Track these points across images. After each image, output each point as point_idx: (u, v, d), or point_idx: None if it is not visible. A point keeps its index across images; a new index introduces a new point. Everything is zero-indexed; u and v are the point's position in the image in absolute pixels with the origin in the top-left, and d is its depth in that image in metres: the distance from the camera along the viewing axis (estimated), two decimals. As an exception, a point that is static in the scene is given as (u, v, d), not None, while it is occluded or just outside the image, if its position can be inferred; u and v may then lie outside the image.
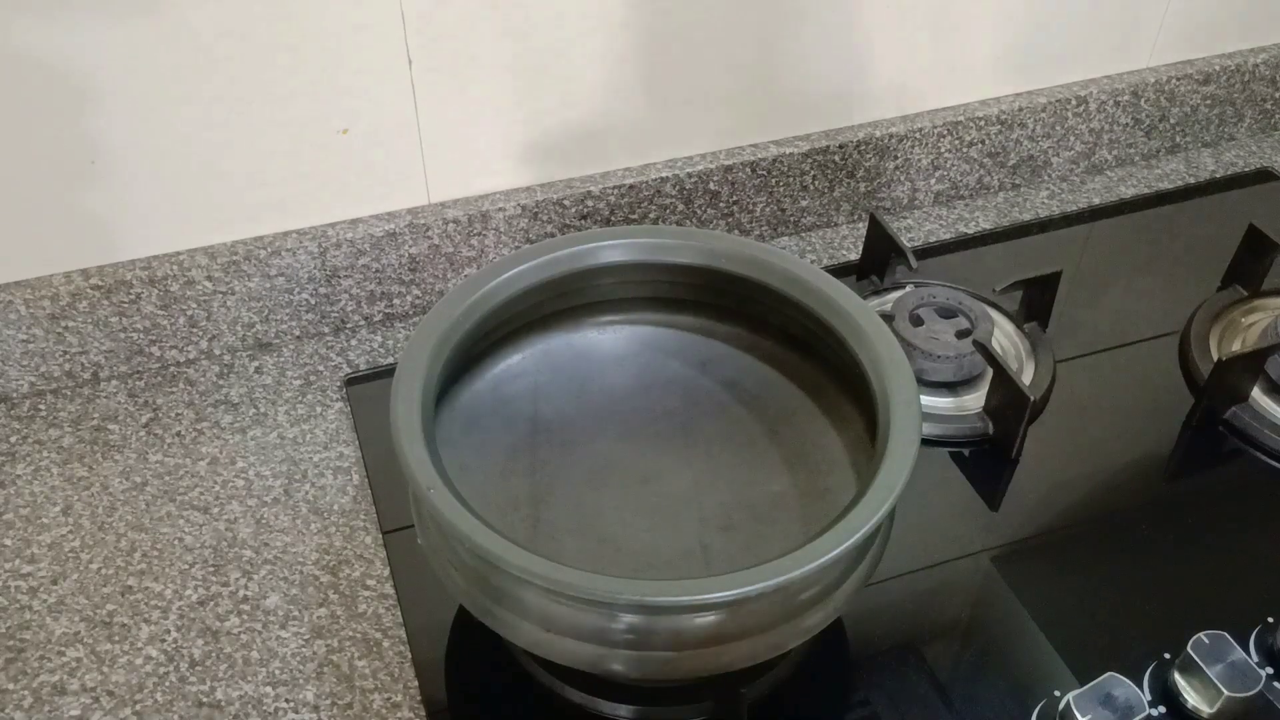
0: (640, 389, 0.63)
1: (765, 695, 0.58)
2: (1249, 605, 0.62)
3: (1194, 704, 0.56)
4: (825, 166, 0.86)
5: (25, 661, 0.59)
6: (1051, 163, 0.95)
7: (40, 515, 0.67)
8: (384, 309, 0.80)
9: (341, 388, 0.75)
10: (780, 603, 0.51)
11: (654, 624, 0.50)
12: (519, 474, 0.59)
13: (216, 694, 0.58)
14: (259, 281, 0.75)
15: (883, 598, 0.62)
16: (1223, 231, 0.87)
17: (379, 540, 0.66)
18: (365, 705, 0.58)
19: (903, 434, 0.53)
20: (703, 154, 0.83)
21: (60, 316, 0.71)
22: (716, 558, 0.55)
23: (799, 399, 0.62)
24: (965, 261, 0.87)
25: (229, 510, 0.67)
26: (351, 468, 0.70)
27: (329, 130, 0.72)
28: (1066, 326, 0.80)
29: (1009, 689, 0.59)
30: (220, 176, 0.71)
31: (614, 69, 0.76)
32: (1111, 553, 0.66)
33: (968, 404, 0.73)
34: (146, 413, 0.73)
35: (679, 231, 0.64)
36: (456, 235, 0.78)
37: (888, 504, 0.50)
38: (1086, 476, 0.70)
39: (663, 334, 0.66)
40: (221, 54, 0.66)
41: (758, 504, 0.58)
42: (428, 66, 0.71)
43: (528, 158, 0.78)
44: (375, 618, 0.62)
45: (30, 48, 0.62)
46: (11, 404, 0.73)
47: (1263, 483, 0.70)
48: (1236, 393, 0.73)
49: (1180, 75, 0.94)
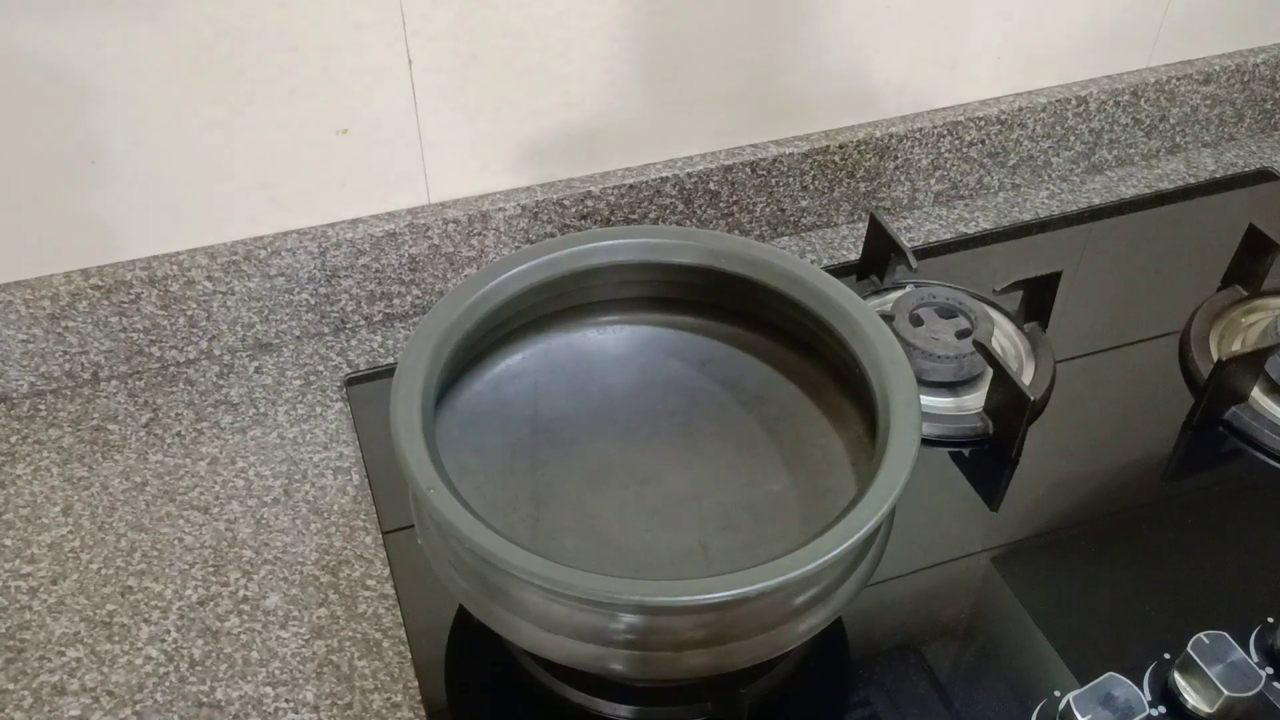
0: (640, 389, 0.63)
1: (765, 695, 0.58)
2: (1249, 605, 0.62)
3: (1194, 704, 0.56)
4: (825, 166, 0.86)
5: (25, 661, 0.59)
6: (1051, 163, 0.95)
7: (40, 515, 0.67)
8: (384, 309, 0.80)
9: (341, 388, 0.75)
10: (780, 603, 0.51)
11: (654, 624, 0.50)
12: (519, 474, 0.59)
13: (216, 694, 0.58)
14: (259, 281, 0.75)
15: (883, 598, 0.62)
16: (1223, 231, 0.87)
17: (379, 540, 0.66)
18: (365, 705, 0.58)
19: (903, 434, 0.53)
20: (703, 154, 0.83)
21: (60, 316, 0.71)
22: (716, 558, 0.55)
23: (799, 399, 0.62)
24: (965, 261, 0.87)
25: (229, 510, 0.67)
26: (351, 468, 0.70)
27: (329, 130, 0.72)
28: (1066, 326, 0.80)
29: (1009, 689, 0.59)
30: (220, 176, 0.71)
31: (614, 69, 0.76)
32: (1111, 553, 0.66)
33: (968, 404, 0.73)
34: (146, 413, 0.73)
35: (679, 231, 0.64)
36: (456, 235, 0.78)
37: (888, 504, 0.50)
38: (1086, 476, 0.70)
39: (663, 334, 0.66)
40: (221, 54, 0.66)
41: (758, 504, 0.58)
42: (428, 66, 0.71)
43: (528, 158, 0.78)
44: (375, 618, 0.62)
45: (30, 48, 0.62)
46: (11, 404, 0.73)
47: (1263, 483, 0.70)
48: (1236, 393, 0.73)
49: (1180, 75, 0.94)
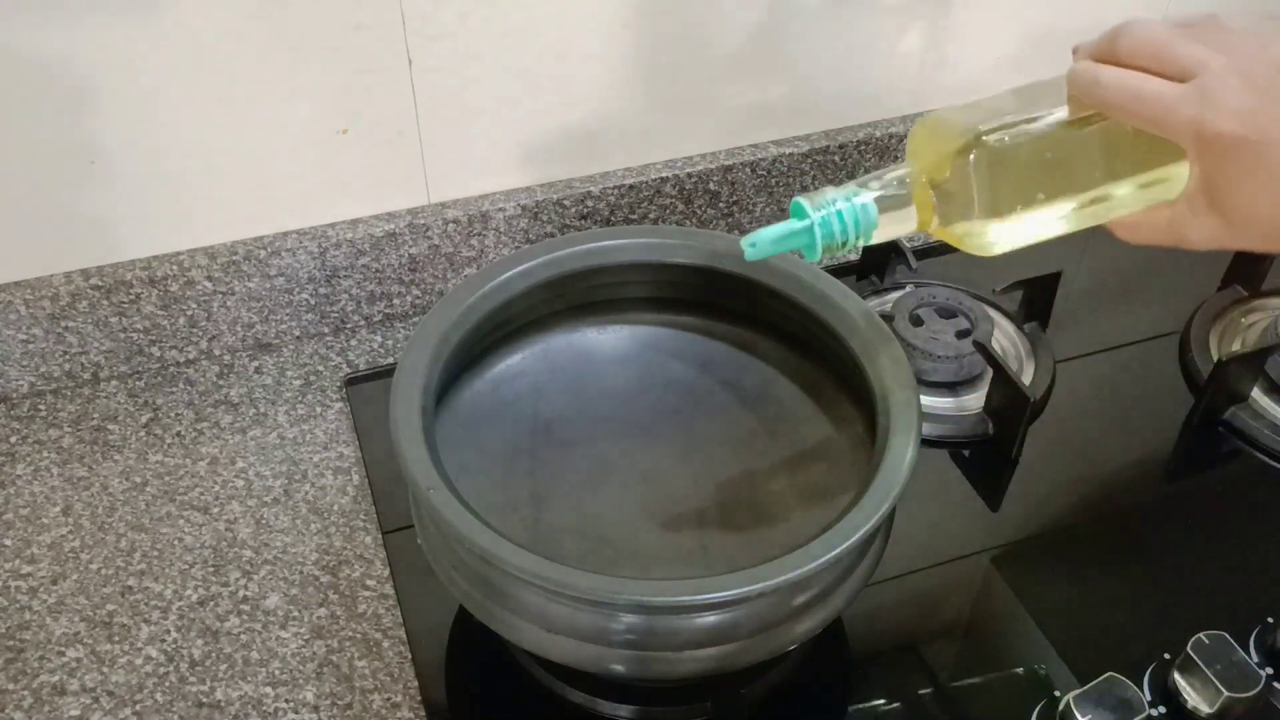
0: (640, 389, 0.63)
1: (765, 695, 0.58)
2: (1249, 605, 0.62)
3: (1194, 704, 0.56)
4: (825, 166, 0.86)
5: (25, 661, 0.59)
6: (1051, 163, 0.95)
7: (40, 515, 0.67)
8: (384, 309, 0.80)
9: (341, 388, 0.75)
10: (780, 603, 0.51)
11: (654, 624, 0.50)
12: (519, 474, 0.59)
13: (216, 694, 0.58)
14: (259, 281, 0.75)
15: (883, 598, 0.62)
16: (1223, 231, 0.87)
17: (379, 540, 0.66)
18: (365, 705, 0.58)
19: (903, 434, 0.53)
20: (703, 154, 0.83)
21: (60, 316, 0.71)
22: (716, 558, 0.55)
23: (799, 399, 0.62)
24: (965, 261, 0.86)
25: (229, 510, 0.67)
26: (351, 468, 0.70)
27: (329, 130, 0.72)
28: (1066, 326, 0.80)
29: (1009, 689, 0.59)
30: (220, 176, 0.71)
31: (614, 69, 0.76)
32: (1111, 553, 0.66)
33: (968, 404, 0.73)
34: (146, 413, 0.73)
35: (679, 231, 0.64)
36: (456, 235, 0.78)
37: (888, 504, 0.50)
38: (1086, 476, 0.70)
39: (663, 334, 0.66)
40: (221, 54, 0.66)
41: (758, 504, 0.58)
42: (428, 66, 0.71)
43: (528, 158, 0.78)
44: (375, 618, 0.62)
45: (30, 48, 0.62)
46: (11, 404, 0.73)
47: (1263, 483, 0.70)
48: (1236, 393, 0.73)
49: (1180, 75, 0.94)
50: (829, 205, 0.48)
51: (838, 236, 0.48)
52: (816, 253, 0.48)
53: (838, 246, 0.49)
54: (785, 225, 0.48)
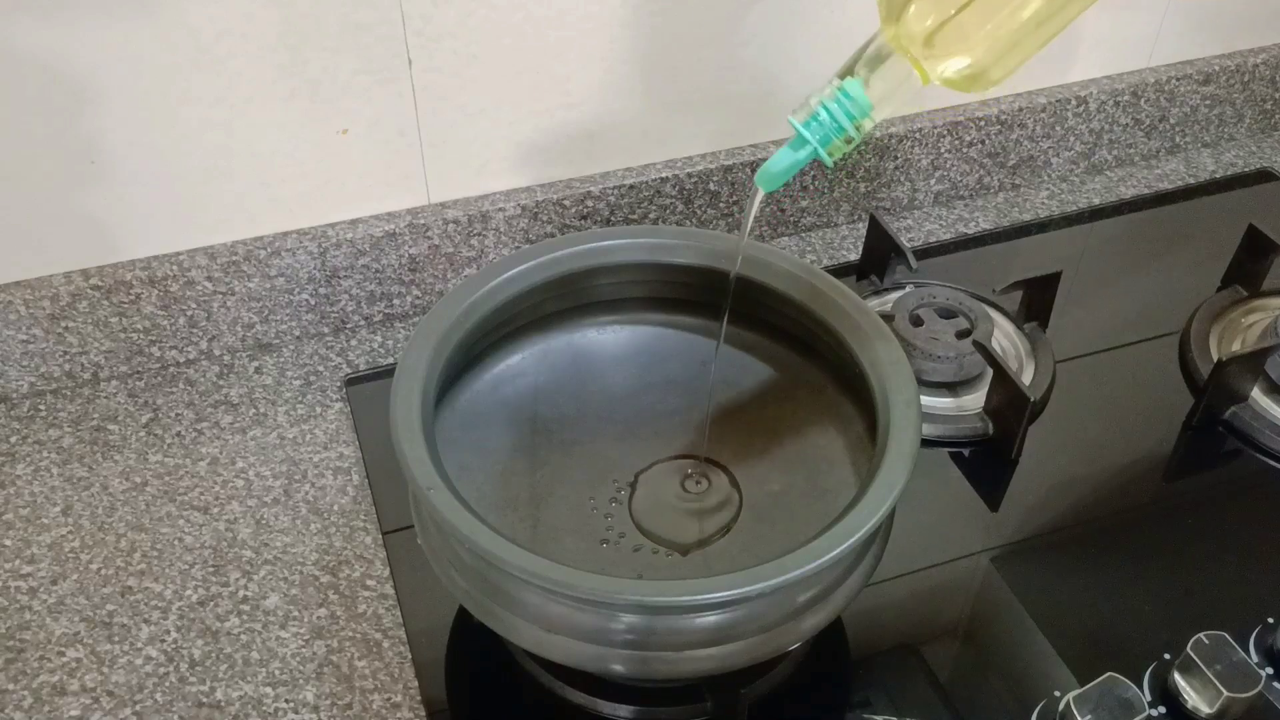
0: (640, 389, 0.63)
1: (765, 695, 0.58)
2: (1249, 605, 0.62)
3: (1194, 704, 0.56)
4: (825, 166, 0.86)
5: (25, 661, 0.59)
6: (1051, 163, 0.95)
7: (40, 515, 0.67)
8: (384, 309, 0.80)
9: (341, 388, 0.75)
10: (780, 603, 0.51)
11: (654, 624, 0.50)
12: (519, 474, 0.59)
13: (216, 694, 0.58)
14: (259, 282, 0.75)
15: (883, 598, 0.62)
16: (1223, 231, 0.87)
17: (379, 540, 0.66)
18: (365, 705, 0.58)
19: (903, 434, 0.53)
20: (703, 154, 0.83)
21: (60, 316, 0.71)
22: (716, 558, 0.55)
23: (799, 399, 0.62)
24: (965, 261, 0.87)
25: (229, 510, 0.67)
26: (351, 468, 0.70)
27: (329, 130, 0.72)
28: (1066, 326, 0.80)
29: (1009, 689, 0.59)
30: (220, 176, 0.71)
31: (614, 69, 0.76)
32: (1111, 553, 0.66)
33: (968, 404, 0.73)
34: (146, 413, 0.73)
35: (679, 231, 0.64)
36: (456, 235, 0.78)
37: (888, 504, 0.50)
38: (1086, 476, 0.70)
39: (663, 334, 0.66)
40: (221, 54, 0.66)
41: (758, 504, 0.58)
42: (428, 66, 0.71)
43: (528, 158, 0.78)
44: (375, 618, 0.62)
45: (30, 48, 0.62)
46: (11, 404, 0.73)
47: (1263, 483, 0.70)
48: (1236, 393, 0.73)
49: (1180, 75, 0.94)
50: (816, 109, 0.47)
51: (834, 132, 0.47)
52: (826, 157, 0.48)
53: (843, 142, 0.48)
54: (784, 150, 0.48)
